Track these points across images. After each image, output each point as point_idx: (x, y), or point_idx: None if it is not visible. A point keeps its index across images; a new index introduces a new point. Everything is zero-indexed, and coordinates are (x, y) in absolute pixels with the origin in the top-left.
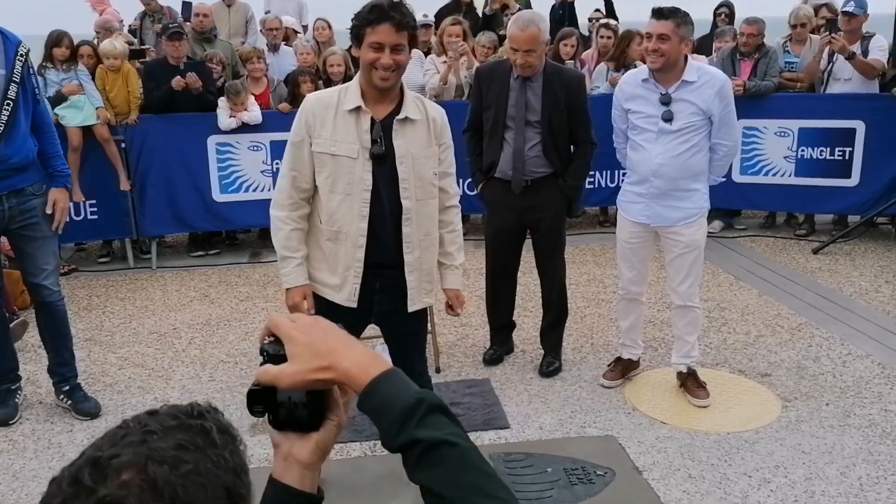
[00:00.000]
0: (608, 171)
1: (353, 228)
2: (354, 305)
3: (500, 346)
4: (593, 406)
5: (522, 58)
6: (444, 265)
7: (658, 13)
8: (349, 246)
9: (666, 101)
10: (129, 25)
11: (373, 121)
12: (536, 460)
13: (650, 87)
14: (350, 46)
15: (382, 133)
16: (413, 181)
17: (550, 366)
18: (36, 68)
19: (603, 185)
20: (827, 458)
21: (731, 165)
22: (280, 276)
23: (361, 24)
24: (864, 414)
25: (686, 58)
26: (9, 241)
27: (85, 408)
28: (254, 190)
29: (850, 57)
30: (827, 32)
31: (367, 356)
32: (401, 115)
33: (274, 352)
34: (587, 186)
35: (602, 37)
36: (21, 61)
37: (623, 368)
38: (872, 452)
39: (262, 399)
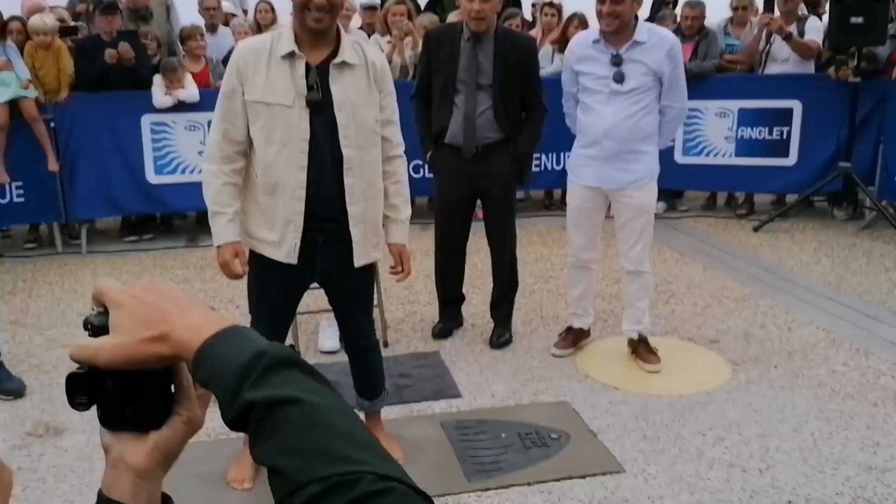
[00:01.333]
0: (554, 154)
1: (292, 180)
2: (295, 262)
3: (450, 319)
4: (545, 374)
5: (479, 4)
6: (389, 218)
7: None
8: (288, 199)
9: (617, 62)
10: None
11: (308, 66)
12: (490, 426)
13: (601, 48)
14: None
15: (319, 79)
16: (353, 129)
17: (501, 337)
18: None
19: (549, 167)
20: (779, 417)
21: (673, 147)
22: (212, 234)
23: None
24: (813, 375)
25: (636, 17)
26: None
27: (9, 387)
28: (190, 172)
29: (787, 37)
30: (764, 13)
31: (208, 318)
32: (337, 60)
33: (100, 323)
34: (533, 169)
35: (546, 14)
36: None
37: (574, 338)
38: (823, 410)
39: (86, 386)
